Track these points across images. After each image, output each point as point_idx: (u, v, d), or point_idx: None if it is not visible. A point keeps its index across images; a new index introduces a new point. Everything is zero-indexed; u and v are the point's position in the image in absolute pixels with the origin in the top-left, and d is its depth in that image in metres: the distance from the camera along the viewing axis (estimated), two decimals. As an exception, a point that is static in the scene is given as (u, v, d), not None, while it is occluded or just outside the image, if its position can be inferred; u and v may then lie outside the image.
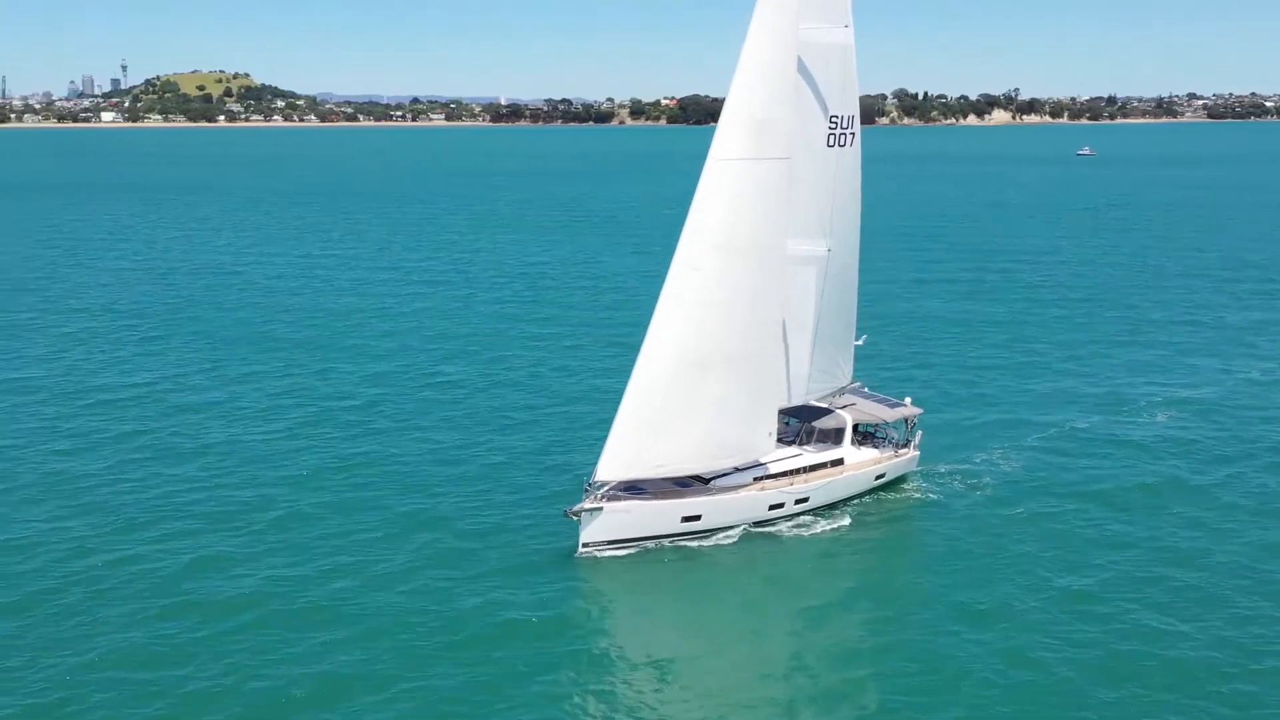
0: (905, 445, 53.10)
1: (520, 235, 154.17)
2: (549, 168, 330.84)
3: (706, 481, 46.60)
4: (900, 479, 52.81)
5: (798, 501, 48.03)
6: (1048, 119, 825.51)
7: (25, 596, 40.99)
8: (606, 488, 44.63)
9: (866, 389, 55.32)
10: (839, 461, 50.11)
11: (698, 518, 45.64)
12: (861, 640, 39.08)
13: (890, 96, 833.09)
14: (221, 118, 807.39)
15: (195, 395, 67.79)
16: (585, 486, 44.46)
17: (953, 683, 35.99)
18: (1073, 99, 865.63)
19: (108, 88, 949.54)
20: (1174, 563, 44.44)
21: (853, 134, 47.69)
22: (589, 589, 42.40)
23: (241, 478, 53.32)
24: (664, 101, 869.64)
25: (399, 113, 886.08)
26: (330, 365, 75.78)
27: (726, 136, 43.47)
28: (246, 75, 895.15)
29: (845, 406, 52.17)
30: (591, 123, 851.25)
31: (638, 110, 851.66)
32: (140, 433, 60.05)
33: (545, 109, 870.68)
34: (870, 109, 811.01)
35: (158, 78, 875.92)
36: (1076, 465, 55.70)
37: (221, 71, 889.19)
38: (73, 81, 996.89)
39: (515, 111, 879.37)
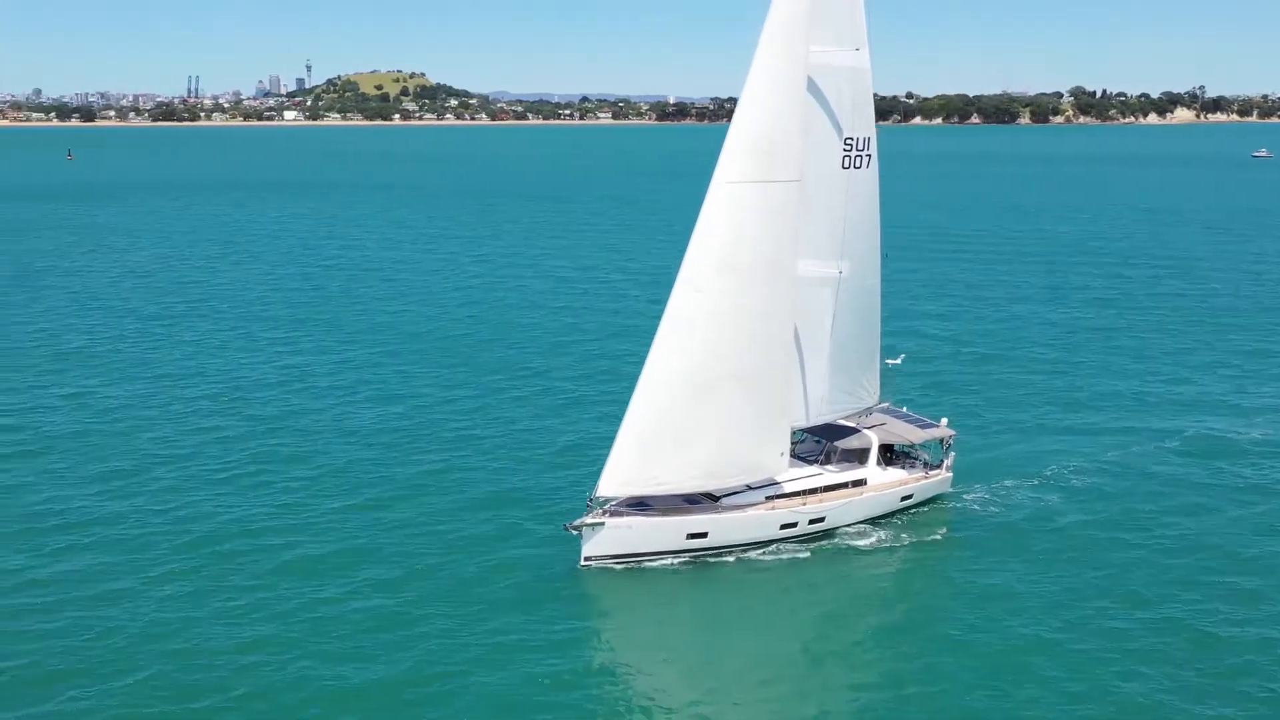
0: (937, 467, 52.66)
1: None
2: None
3: (716, 499, 47.17)
4: (931, 501, 52.39)
5: (812, 521, 48.13)
6: (1234, 117, 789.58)
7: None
8: (612, 503, 45.66)
9: (905, 409, 55.02)
10: (861, 482, 50.02)
11: (704, 535, 46.20)
12: (871, 664, 38.95)
13: (1066, 94, 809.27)
14: (396, 116, 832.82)
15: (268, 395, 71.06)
16: (587, 501, 45.49)
17: (966, 708, 35.91)
18: (1264, 97, 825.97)
19: (293, 87, 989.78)
20: (1225, 600, 42.91)
21: (868, 155, 47.62)
22: (586, 604, 43.18)
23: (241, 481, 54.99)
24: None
25: (567, 111, 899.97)
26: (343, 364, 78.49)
27: (732, 160, 43.93)
28: (422, 75, 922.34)
29: (874, 426, 52.04)
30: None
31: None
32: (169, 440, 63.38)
33: (712, 107, 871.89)
34: (1045, 107, 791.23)
35: (339, 77, 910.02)
36: (1122, 491, 54.15)
37: (399, 71, 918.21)
38: (261, 81, 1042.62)
39: (681, 110, 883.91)
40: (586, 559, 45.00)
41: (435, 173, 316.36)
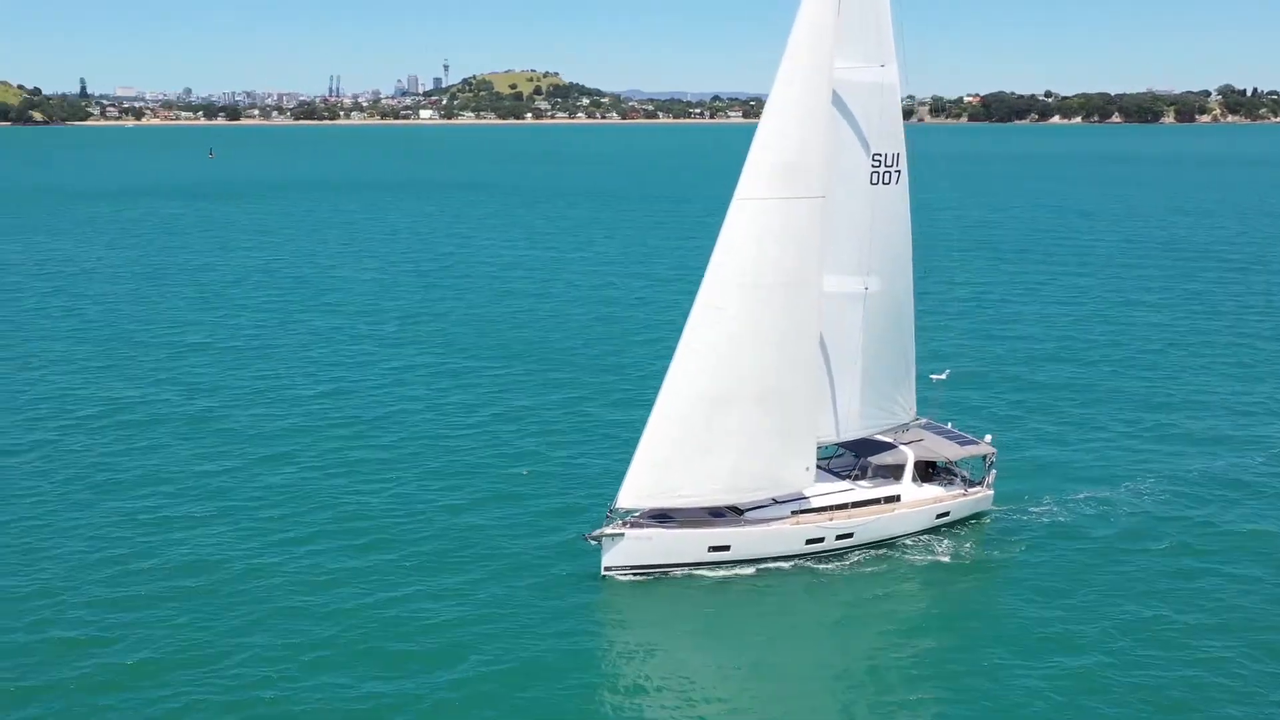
0: (978, 484, 51.99)
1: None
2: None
3: (741, 512, 47.36)
4: (971, 519, 51.73)
5: (840, 537, 47.99)
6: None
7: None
8: (634, 514, 46.20)
9: (950, 425, 54.40)
10: (895, 498, 49.68)
11: (726, 548, 46.44)
12: (890, 685, 38.53)
13: (1214, 93, 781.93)
14: (528, 115, 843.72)
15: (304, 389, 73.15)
16: (608, 512, 46.09)
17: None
18: None
19: (430, 87, 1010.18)
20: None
21: (898, 171, 47.29)
22: (604, 614, 43.56)
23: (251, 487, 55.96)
24: (966, 99, 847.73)
25: (698, 110, 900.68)
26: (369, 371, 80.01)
27: (754, 176, 44.03)
28: (556, 75, 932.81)
29: (911, 442, 51.62)
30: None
31: (938, 108, 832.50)
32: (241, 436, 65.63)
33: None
34: (1191, 105, 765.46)
35: (474, 77, 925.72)
36: (1174, 515, 52.67)
37: (533, 71, 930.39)
38: (399, 81, 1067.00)
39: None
40: (607, 569, 45.58)
41: (561, 173, 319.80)
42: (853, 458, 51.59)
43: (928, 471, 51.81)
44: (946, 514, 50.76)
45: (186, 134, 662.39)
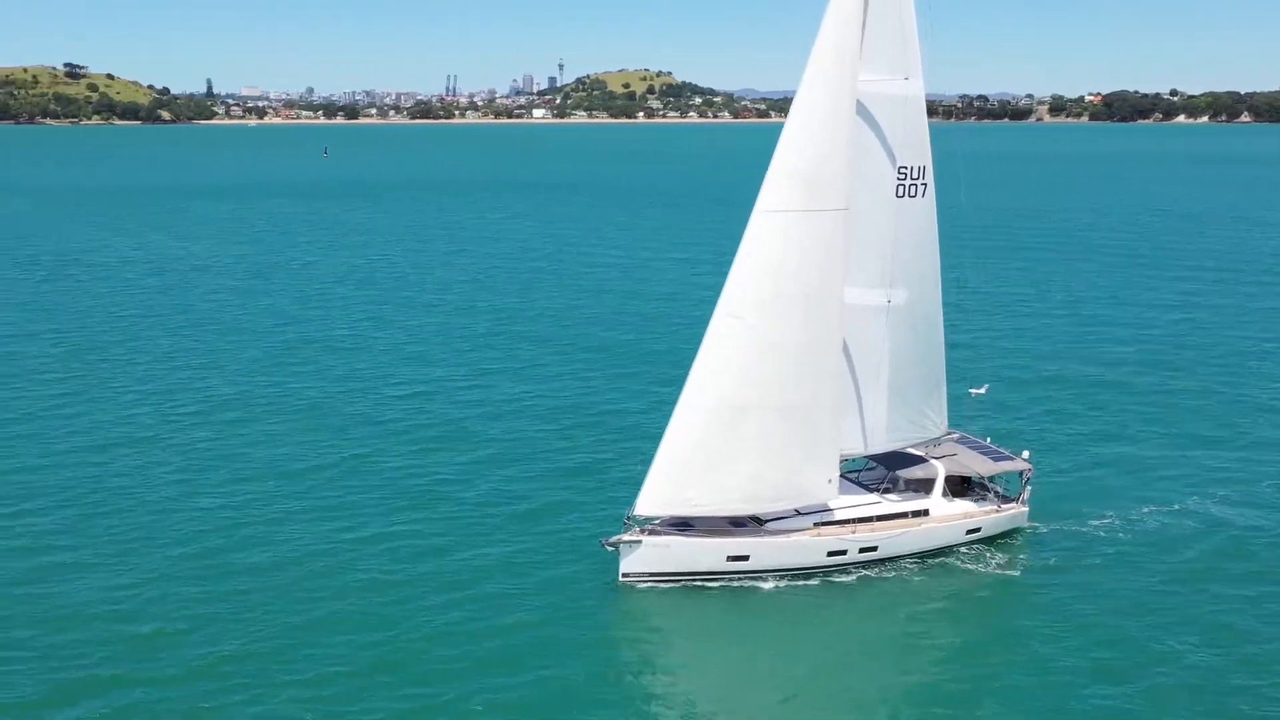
0: (1012, 500, 51.35)
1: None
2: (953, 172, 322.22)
3: (762, 522, 47.50)
4: (1004, 536, 51.10)
5: (863, 550, 47.83)
6: None
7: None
8: (654, 522, 46.62)
9: (988, 440, 53.75)
10: (924, 512, 49.36)
11: (745, 558, 46.62)
12: (907, 702, 38.51)
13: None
14: (640, 114, 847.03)
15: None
16: (625, 519, 46.58)
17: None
18: None
19: (545, 86, 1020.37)
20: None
21: (924, 184, 46.95)
22: (620, 620, 43.98)
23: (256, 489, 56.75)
24: (1088, 98, 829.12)
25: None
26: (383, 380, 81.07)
27: (775, 188, 44.15)
28: (669, 74, 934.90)
29: (944, 456, 51.19)
30: (1007, 119, 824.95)
31: (1058, 107, 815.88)
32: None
33: (959, 105, 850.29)
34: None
35: (588, 76, 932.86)
36: (1218, 538, 51.43)
37: (646, 70, 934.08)
38: (515, 80, 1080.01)
39: (929, 108, 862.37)
40: (625, 575, 46.10)
41: (669, 172, 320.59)
42: (883, 471, 51.34)
43: (961, 487, 51.35)
44: (978, 530, 50.23)
45: (305, 133, 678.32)
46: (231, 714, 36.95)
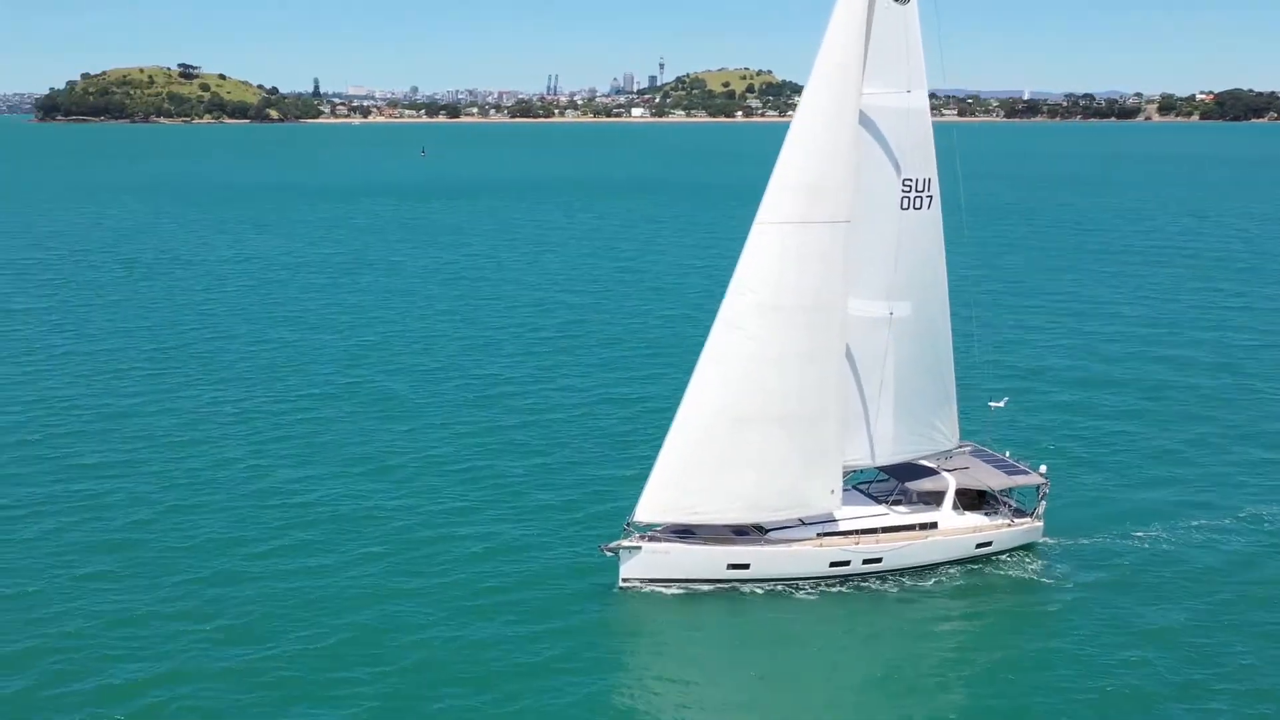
0: (1026, 515, 50.88)
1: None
2: (1061, 171, 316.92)
3: (765, 531, 47.76)
4: (1018, 550, 50.63)
5: (867, 561, 47.85)
6: None
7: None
8: (656, 528, 47.15)
9: (1007, 455, 53.21)
10: (932, 525, 49.19)
11: (745, 566, 46.93)
12: (902, 711, 38.76)
13: None
14: (739, 113, 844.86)
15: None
16: (625, 525, 47.13)
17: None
18: None
19: (645, 85, 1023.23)
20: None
21: (930, 196, 46.73)
22: (618, 626, 44.47)
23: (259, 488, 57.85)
24: (1199, 96, 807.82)
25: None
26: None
27: (776, 199, 44.41)
28: (769, 73, 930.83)
29: (957, 469, 50.90)
30: (1114, 119, 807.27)
31: (1167, 105, 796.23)
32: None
33: (1064, 104, 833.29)
34: None
35: (687, 75, 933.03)
36: (1238, 567, 49.97)
37: (746, 69, 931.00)
38: (615, 79, 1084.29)
39: (1032, 107, 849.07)
40: (624, 580, 46.70)
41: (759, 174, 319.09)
42: (894, 482, 51.22)
43: (976, 500, 50.98)
44: (988, 544, 49.88)
45: (406, 131, 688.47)
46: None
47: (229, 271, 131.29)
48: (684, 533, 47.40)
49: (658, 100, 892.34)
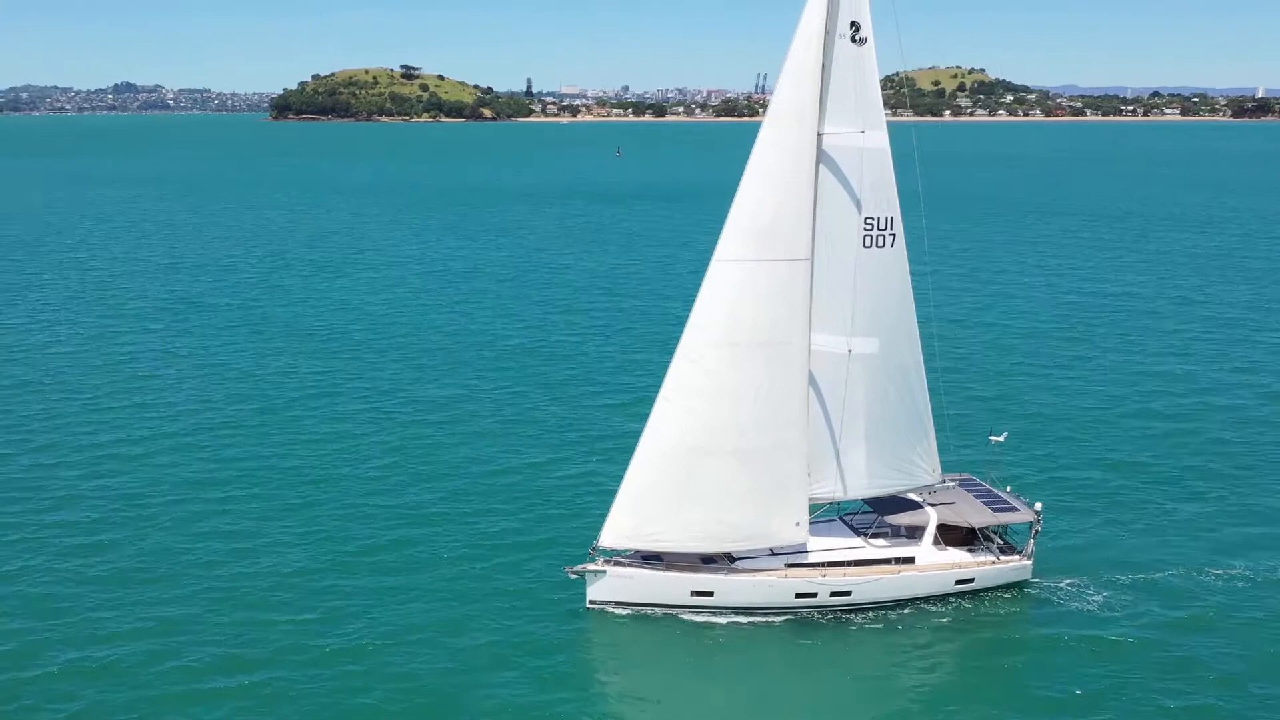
0: (1016, 552, 50.20)
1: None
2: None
3: (733, 559, 48.64)
4: (1004, 589, 49.91)
5: (835, 594, 48.19)
6: None
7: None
8: (624, 553, 48.60)
9: (1008, 490, 52.49)
10: (909, 559, 49.14)
11: (710, 594, 47.93)
12: None
13: None
14: (946, 113, 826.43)
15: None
16: (590, 549, 48.68)
17: None
18: None
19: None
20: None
21: (893, 235, 46.55)
22: (584, 646, 45.80)
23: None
24: None
25: (1130, 107, 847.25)
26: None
27: (731, 237, 45.17)
28: (981, 71, 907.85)
29: (941, 504, 50.65)
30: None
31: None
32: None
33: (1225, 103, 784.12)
34: None
35: (896, 74, 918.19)
36: (1241, 614, 48.21)
37: (958, 67, 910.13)
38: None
39: (1264, 106, 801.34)
40: (592, 602, 48.35)
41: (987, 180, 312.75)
42: (875, 515, 51.31)
43: (965, 535, 50.56)
44: (969, 581, 49.46)
45: (610, 130, 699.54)
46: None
47: (407, 274, 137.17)
48: (652, 558, 48.70)
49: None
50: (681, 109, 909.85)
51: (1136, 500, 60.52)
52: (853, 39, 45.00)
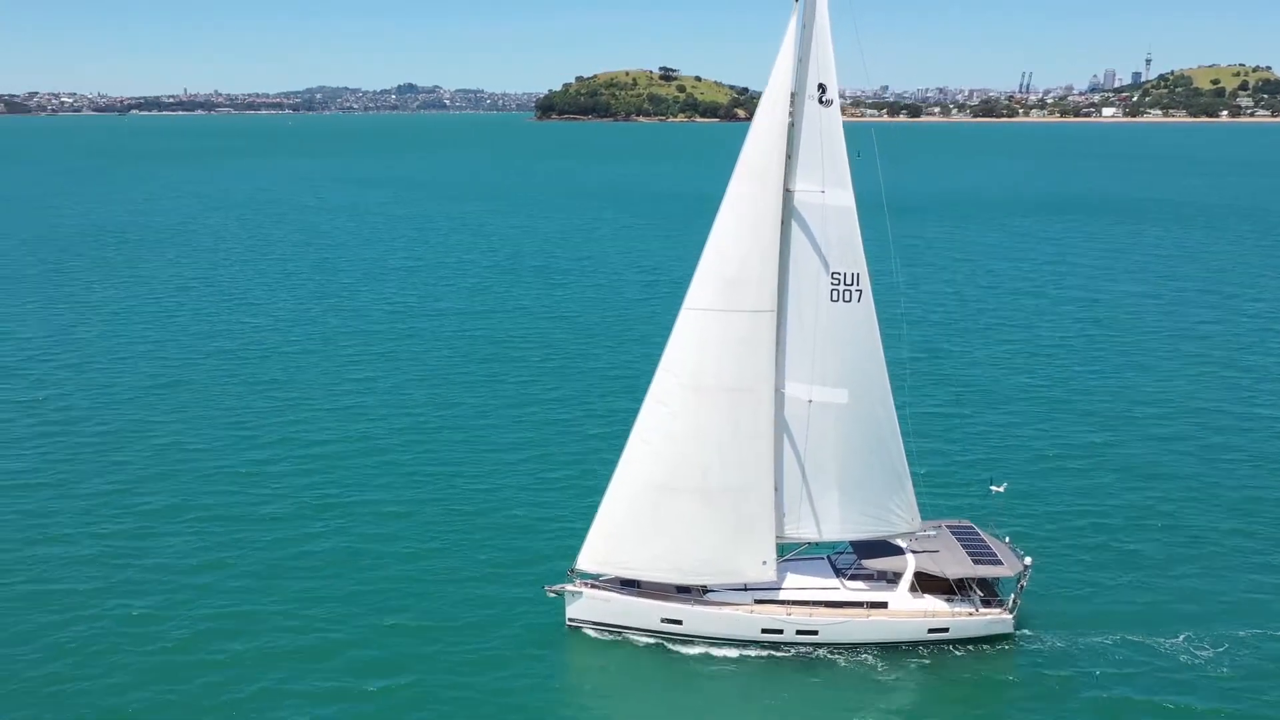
0: (998, 604, 50.26)
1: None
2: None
3: (705, 591, 50.76)
4: (982, 640, 49.92)
5: (800, 632, 49.62)
6: None
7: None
8: (603, 576, 51.42)
9: (1007, 540, 52.37)
10: (881, 604, 50.06)
11: (679, 622, 50.23)
12: None
13: None
14: (1224, 113, 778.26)
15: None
16: (569, 571, 51.62)
17: None
18: None
19: (1127, 81, 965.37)
20: None
21: (859, 291, 47.20)
22: (562, 663, 48.94)
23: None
24: None
25: None
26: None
27: (700, 287, 47.21)
28: (1268, 69, 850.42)
29: (925, 550, 51.16)
30: None
31: None
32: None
33: None
34: None
35: (1171, 72, 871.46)
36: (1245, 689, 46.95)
37: (1241, 65, 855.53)
38: (1095, 76, 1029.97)
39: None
40: (571, 620, 51.46)
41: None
42: (855, 557, 52.27)
43: (950, 584, 50.85)
44: (944, 630, 49.91)
45: (854, 131, 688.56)
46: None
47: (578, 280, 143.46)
48: (630, 583, 51.36)
49: (1135, 99, 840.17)
50: (938, 109, 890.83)
51: (1143, 561, 58.39)
52: (820, 100, 46.34)
